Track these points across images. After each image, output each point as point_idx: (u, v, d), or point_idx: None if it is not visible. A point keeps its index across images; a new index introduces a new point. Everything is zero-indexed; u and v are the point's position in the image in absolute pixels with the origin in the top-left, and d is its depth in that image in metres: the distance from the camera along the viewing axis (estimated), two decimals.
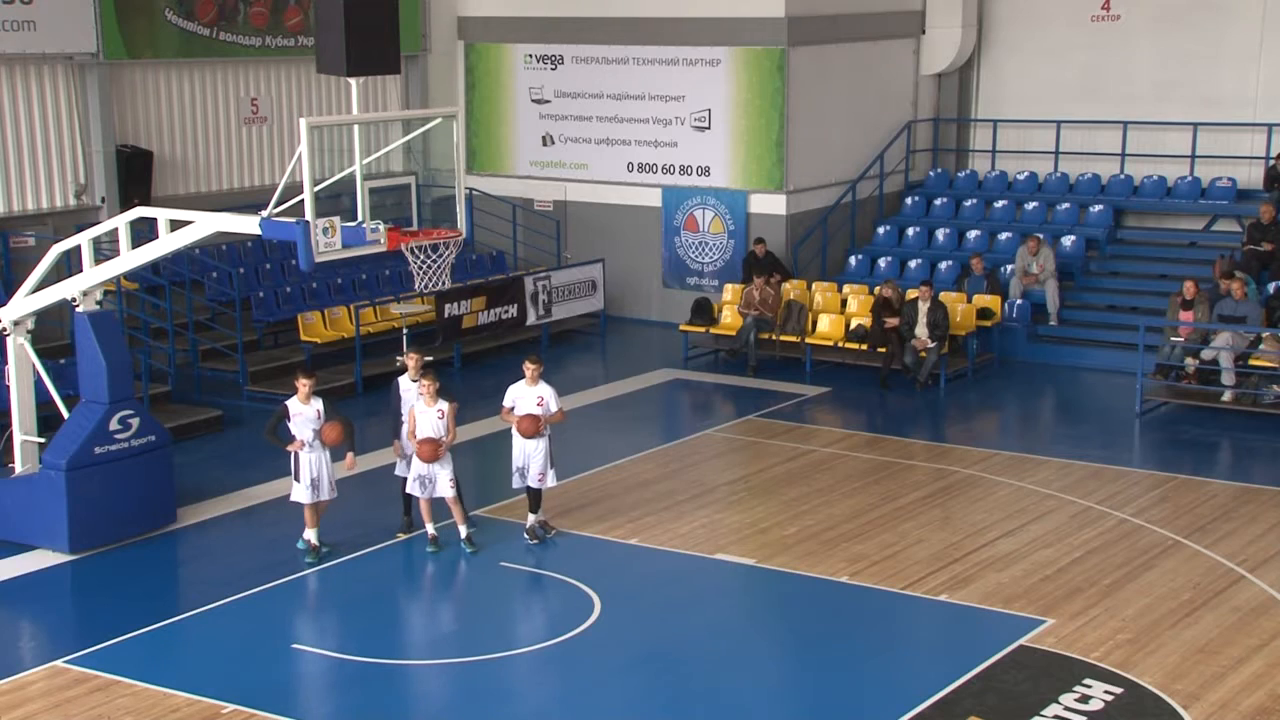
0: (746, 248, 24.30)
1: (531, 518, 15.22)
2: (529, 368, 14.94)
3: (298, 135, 14.70)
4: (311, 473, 14.56)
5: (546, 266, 25.10)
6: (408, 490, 14.97)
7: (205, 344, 21.18)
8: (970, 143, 27.41)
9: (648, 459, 18.07)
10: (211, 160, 23.56)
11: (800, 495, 16.65)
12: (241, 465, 17.64)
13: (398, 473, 15.26)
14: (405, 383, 15.19)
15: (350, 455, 14.93)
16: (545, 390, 14.94)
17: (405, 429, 14.82)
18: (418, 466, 14.71)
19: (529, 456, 14.93)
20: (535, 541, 15.13)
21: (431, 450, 14.54)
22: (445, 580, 14.76)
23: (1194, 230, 24.62)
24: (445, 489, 14.75)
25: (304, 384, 14.60)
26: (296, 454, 14.51)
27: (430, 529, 14.99)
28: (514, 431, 15.02)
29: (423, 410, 14.68)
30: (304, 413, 14.56)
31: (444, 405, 14.74)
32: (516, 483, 15.11)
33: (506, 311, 23.23)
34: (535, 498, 15.18)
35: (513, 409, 14.97)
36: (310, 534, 14.78)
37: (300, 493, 14.62)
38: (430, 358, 20.89)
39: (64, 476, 14.76)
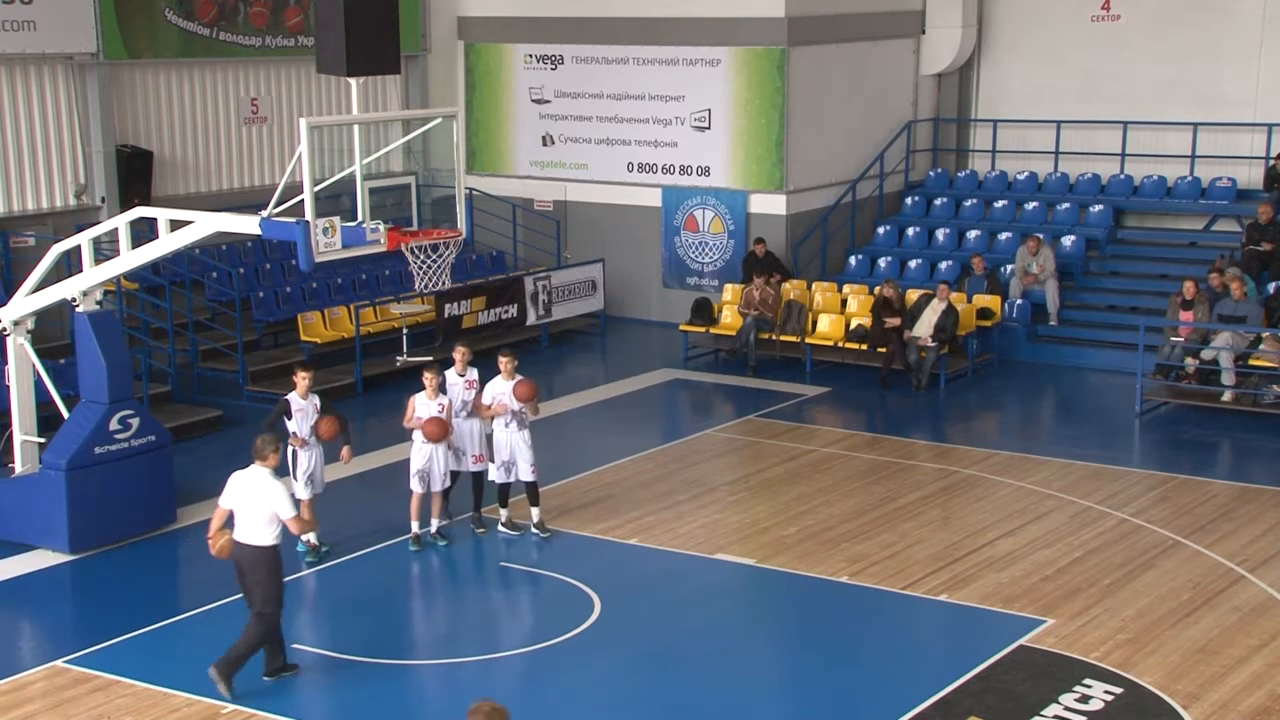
0: (746, 248, 24.30)
1: (535, 512, 15.24)
2: (504, 362, 14.99)
3: (298, 135, 14.68)
4: (309, 469, 14.58)
5: (546, 266, 25.11)
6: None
7: (205, 344, 21.17)
8: (970, 143, 27.40)
9: (648, 459, 18.07)
10: (211, 160, 23.56)
11: (800, 495, 16.65)
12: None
13: (453, 467, 15.22)
14: (452, 377, 15.20)
15: (347, 449, 14.94)
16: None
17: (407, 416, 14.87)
18: (418, 460, 14.75)
19: (515, 450, 14.97)
20: (545, 535, 15.15)
21: (438, 428, 14.54)
22: (445, 580, 14.76)
23: (1194, 230, 24.62)
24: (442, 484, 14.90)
25: (303, 377, 14.61)
26: (296, 450, 14.51)
27: (433, 525, 15.03)
28: (496, 425, 15.04)
29: (423, 403, 14.76)
30: (304, 408, 14.57)
31: (444, 399, 14.80)
32: (501, 477, 15.10)
33: (506, 311, 23.22)
34: (533, 493, 15.21)
35: (490, 406, 15.01)
36: (309, 534, 14.77)
37: (298, 490, 14.61)
38: (431, 358, 21.05)
39: (64, 476, 14.75)
